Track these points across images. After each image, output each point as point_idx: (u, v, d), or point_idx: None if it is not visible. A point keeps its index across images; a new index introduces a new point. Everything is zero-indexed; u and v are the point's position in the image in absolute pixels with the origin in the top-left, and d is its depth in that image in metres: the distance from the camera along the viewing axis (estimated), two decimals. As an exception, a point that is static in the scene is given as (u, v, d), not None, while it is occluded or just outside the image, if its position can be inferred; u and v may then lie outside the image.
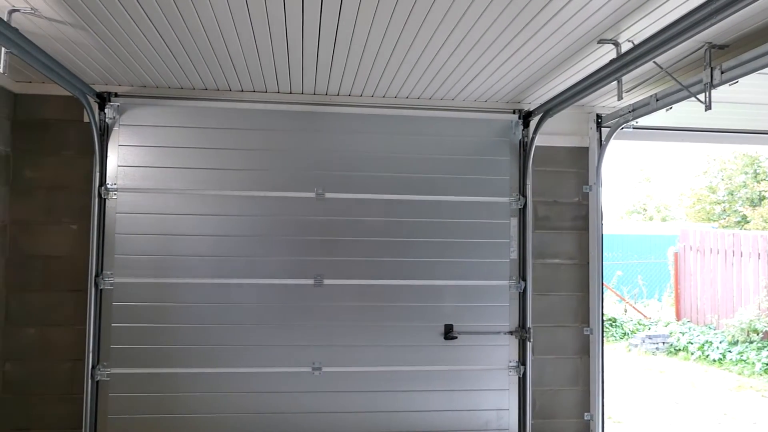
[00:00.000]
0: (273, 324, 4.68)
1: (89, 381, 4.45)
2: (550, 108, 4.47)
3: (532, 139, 4.81)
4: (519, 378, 4.90)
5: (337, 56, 3.87)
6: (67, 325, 4.54)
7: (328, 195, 4.76)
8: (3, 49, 3.35)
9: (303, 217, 4.73)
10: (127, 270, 4.55)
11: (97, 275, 4.50)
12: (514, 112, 4.98)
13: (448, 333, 4.82)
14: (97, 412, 4.49)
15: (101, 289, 4.53)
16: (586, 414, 5.00)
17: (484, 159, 4.94)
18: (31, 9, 3.17)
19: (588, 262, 5.07)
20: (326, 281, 4.72)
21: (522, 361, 4.89)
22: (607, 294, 13.52)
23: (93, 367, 4.47)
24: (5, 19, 3.15)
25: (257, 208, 4.69)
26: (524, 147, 4.97)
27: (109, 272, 4.53)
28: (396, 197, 4.83)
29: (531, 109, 4.89)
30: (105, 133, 4.58)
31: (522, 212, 4.96)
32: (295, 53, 3.82)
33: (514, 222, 4.95)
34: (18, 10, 3.18)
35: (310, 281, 4.71)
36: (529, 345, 4.87)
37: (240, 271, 4.66)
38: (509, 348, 4.90)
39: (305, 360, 4.70)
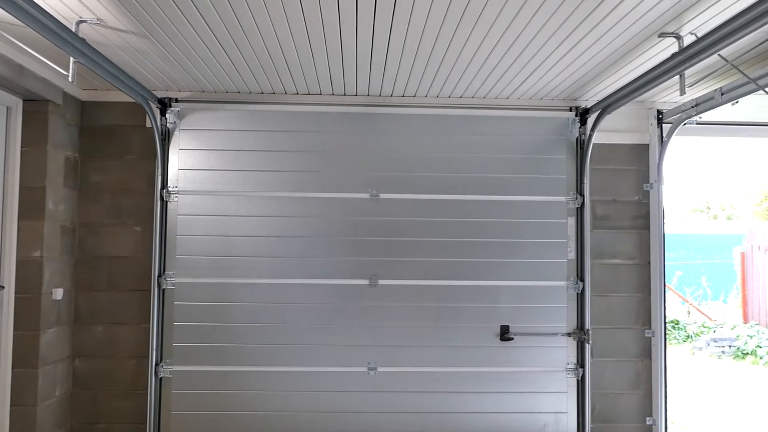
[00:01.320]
0: (329, 324, 4.72)
1: (153, 378, 4.60)
2: (608, 105, 4.37)
3: (590, 136, 4.71)
4: (577, 381, 4.80)
5: (391, 57, 3.88)
6: (131, 324, 4.71)
7: (382, 196, 4.77)
8: (71, 58, 3.50)
9: (358, 217, 4.76)
10: (187, 270, 4.68)
11: (159, 275, 4.64)
12: (570, 110, 4.88)
13: (504, 334, 4.76)
14: (160, 408, 4.64)
15: (163, 289, 4.67)
16: (648, 419, 4.86)
17: (540, 158, 4.86)
18: (97, 19, 3.30)
19: (649, 262, 4.93)
20: (381, 281, 4.74)
21: (580, 363, 4.79)
22: (668, 295, 13.10)
23: (156, 365, 4.62)
24: (73, 30, 3.29)
25: (313, 209, 4.75)
26: (581, 145, 4.87)
27: (171, 272, 4.67)
28: (451, 197, 4.81)
29: (588, 106, 4.79)
30: (166, 137, 4.72)
31: (579, 211, 4.86)
32: (348, 55, 3.85)
33: (572, 221, 4.86)
34: (85, 21, 3.31)
35: (365, 281, 4.73)
36: (587, 347, 4.77)
37: (296, 271, 4.73)
38: (567, 350, 4.81)
39: (361, 360, 4.73)
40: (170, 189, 4.70)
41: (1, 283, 4.12)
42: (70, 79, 3.56)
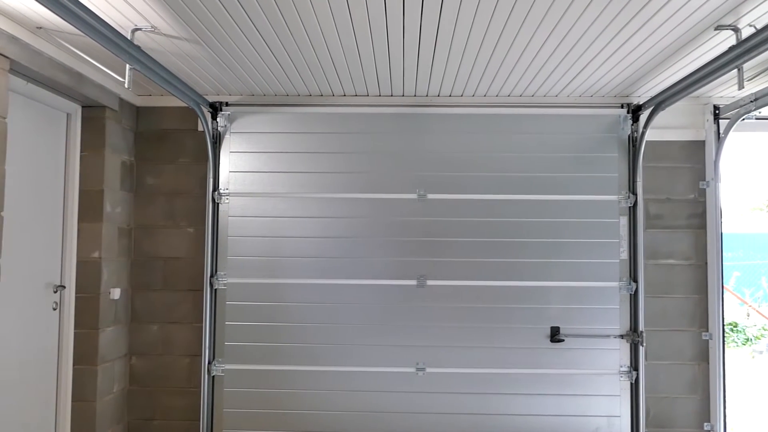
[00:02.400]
0: (377, 324, 4.74)
1: (206, 376, 4.70)
2: (661, 101, 4.25)
3: (642, 133, 4.60)
4: (631, 384, 4.69)
5: (438, 58, 3.87)
6: (185, 323, 4.83)
7: (429, 196, 4.77)
8: (127, 65, 3.61)
9: (405, 218, 4.77)
10: (238, 271, 4.77)
11: (212, 276, 4.74)
12: (622, 107, 4.77)
13: (555, 335, 4.69)
14: (213, 406, 4.74)
15: (216, 289, 4.77)
16: (705, 424, 4.71)
17: (591, 156, 4.77)
18: (152, 27, 3.39)
19: (705, 263, 4.77)
20: (429, 282, 4.73)
21: (634, 366, 4.68)
22: (726, 296, 12.66)
23: (209, 363, 4.72)
24: (129, 38, 3.39)
25: (360, 209, 4.78)
26: (633, 142, 4.75)
27: (222, 273, 4.77)
28: (499, 197, 4.77)
29: (641, 103, 4.67)
30: (217, 140, 4.82)
31: (632, 211, 4.75)
32: (395, 57, 3.86)
33: (624, 221, 4.75)
34: (140, 29, 3.41)
35: (413, 282, 4.73)
36: (641, 349, 4.65)
37: (344, 271, 4.76)
38: (620, 352, 4.70)
39: (409, 360, 4.73)
40: (221, 191, 4.80)
41: (63, 282, 4.28)
42: (126, 85, 3.68)
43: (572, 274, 4.72)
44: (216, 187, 4.80)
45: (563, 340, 4.68)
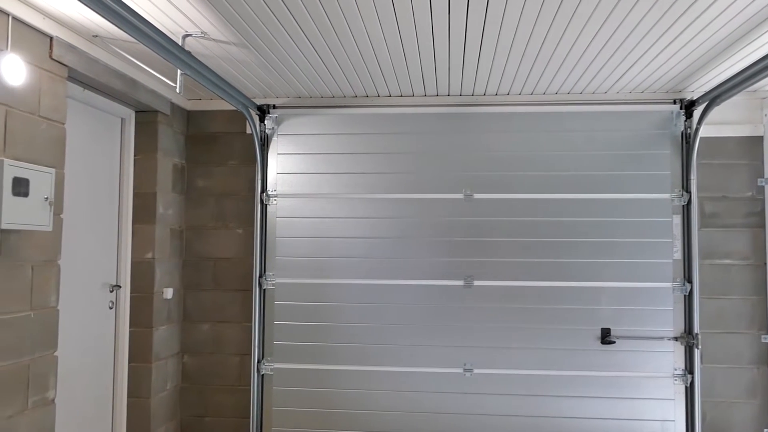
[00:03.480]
0: (424, 324, 4.74)
1: (255, 374, 4.78)
2: (716, 95, 4.12)
3: (696, 129, 4.46)
4: (686, 387, 4.56)
5: (484, 56, 3.84)
6: (235, 322, 4.92)
7: (476, 196, 4.73)
8: (179, 71, 3.71)
9: (452, 218, 4.75)
10: (286, 271, 4.83)
11: (260, 276, 4.82)
12: (674, 102, 4.65)
13: (605, 337, 4.60)
14: (262, 404, 4.82)
15: (264, 289, 4.85)
16: (765, 430, 4.54)
17: (641, 153, 4.65)
18: (201, 33, 3.47)
19: (765, 263, 4.60)
20: (476, 282, 4.70)
21: (689, 369, 4.55)
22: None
23: (258, 362, 4.80)
24: (180, 44, 3.48)
25: (407, 210, 4.78)
26: (687, 139, 4.62)
27: (271, 273, 4.84)
28: (547, 196, 4.70)
29: (694, 98, 4.54)
30: (265, 143, 4.90)
31: (686, 209, 4.61)
32: (441, 56, 3.84)
33: (677, 220, 4.62)
34: (190, 35, 3.49)
35: (460, 282, 4.71)
36: (696, 352, 4.51)
37: (390, 272, 4.77)
38: (674, 355, 4.57)
39: (457, 361, 4.71)
40: (269, 192, 4.87)
41: (119, 282, 4.41)
42: (177, 90, 3.77)
43: (623, 274, 4.62)
44: (264, 189, 4.88)
45: (614, 342, 4.58)
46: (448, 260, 4.73)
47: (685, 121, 4.61)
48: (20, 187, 2.88)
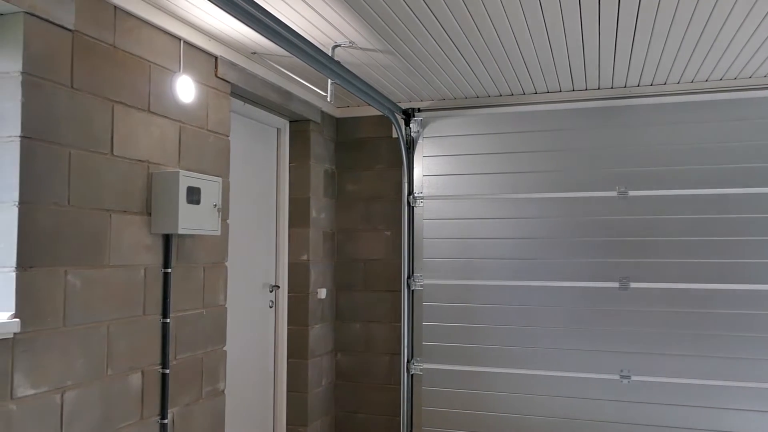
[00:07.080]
0: (575, 327, 4.56)
1: (405, 374, 4.87)
2: None
3: None
4: None
5: (638, 44, 3.62)
6: (384, 322, 5.04)
7: (631, 193, 4.48)
8: (329, 80, 3.87)
9: (604, 217, 4.53)
10: (434, 272, 4.87)
11: (408, 277, 4.90)
12: None
13: (785, 346, 4.15)
14: (412, 403, 4.89)
15: (412, 290, 4.92)
16: None
17: (827, 141, 4.15)
18: (349, 42, 3.60)
19: None
20: (633, 284, 4.44)
21: None
22: None
23: (408, 362, 4.88)
24: (330, 55, 3.63)
25: (555, 209, 4.64)
26: None
27: (419, 274, 4.90)
28: (711, 192, 4.33)
29: None
30: (411, 146, 4.98)
31: None
32: (590, 49, 3.68)
33: None
34: (339, 45, 3.64)
35: (615, 284, 4.48)
36: None
37: (538, 273, 4.64)
38: None
39: (612, 366, 4.48)
40: (416, 195, 4.94)
41: (277, 283, 4.70)
42: (328, 99, 3.94)
43: (806, 276, 4.14)
44: (411, 191, 4.96)
45: (797, 352, 4.12)
46: (601, 261, 4.51)
47: None
48: (193, 195, 3.16)
